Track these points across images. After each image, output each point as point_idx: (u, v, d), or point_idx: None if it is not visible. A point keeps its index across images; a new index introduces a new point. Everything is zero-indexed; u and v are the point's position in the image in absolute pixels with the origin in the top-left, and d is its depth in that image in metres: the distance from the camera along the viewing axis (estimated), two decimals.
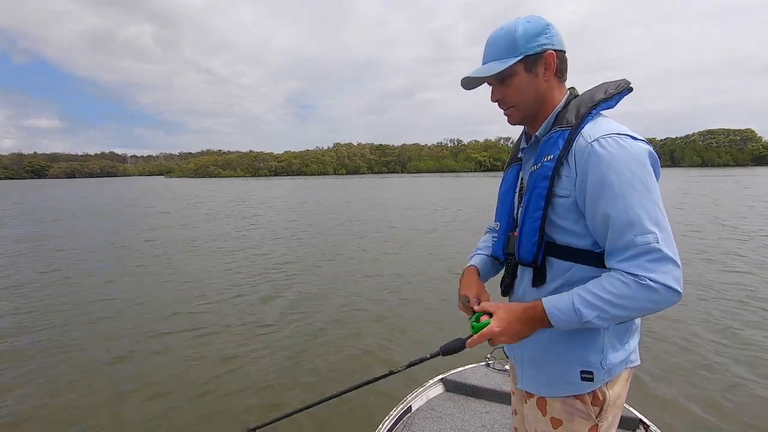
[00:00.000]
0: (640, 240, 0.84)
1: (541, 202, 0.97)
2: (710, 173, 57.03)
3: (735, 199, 18.39)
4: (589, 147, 0.90)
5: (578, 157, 0.92)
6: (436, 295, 5.67)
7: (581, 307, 0.88)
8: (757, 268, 6.63)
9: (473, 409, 2.26)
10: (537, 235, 0.98)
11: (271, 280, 6.66)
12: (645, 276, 0.83)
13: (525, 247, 1.02)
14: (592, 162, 0.89)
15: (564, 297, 0.92)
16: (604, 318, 0.87)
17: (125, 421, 2.96)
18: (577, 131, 0.94)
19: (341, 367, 3.72)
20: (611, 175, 0.86)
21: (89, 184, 77.06)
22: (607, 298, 0.86)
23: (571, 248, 0.97)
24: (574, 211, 0.95)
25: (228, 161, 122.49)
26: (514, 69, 0.99)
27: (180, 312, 5.16)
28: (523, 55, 0.97)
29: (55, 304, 5.56)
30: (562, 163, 0.95)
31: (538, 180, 0.99)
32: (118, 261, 8.29)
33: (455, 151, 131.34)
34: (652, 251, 0.84)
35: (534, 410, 1.09)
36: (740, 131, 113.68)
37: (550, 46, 0.98)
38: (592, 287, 0.89)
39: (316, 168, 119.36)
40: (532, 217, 0.99)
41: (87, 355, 4.00)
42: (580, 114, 0.96)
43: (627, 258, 0.86)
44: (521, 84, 1.00)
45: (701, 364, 3.58)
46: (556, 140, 0.97)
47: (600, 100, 0.97)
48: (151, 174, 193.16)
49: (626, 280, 0.85)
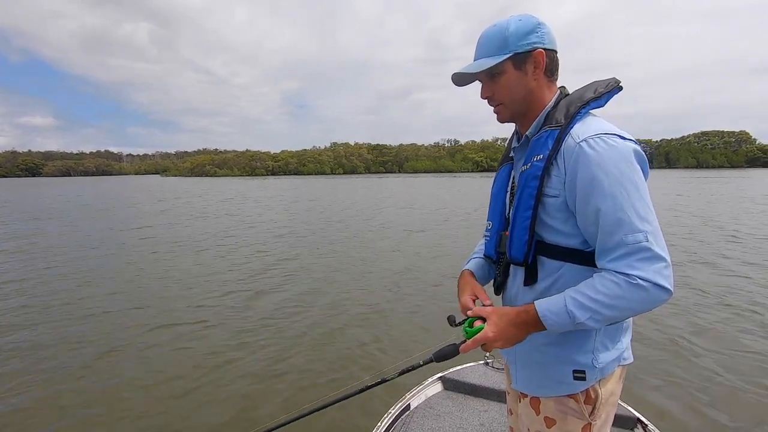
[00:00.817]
0: (630, 239, 0.84)
1: (531, 202, 0.97)
2: (704, 175, 57.40)
3: (728, 201, 18.55)
4: (578, 147, 0.90)
5: (567, 157, 0.92)
6: (426, 296, 5.67)
7: (574, 309, 0.88)
8: (753, 270, 6.70)
9: (472, 407, 2.27)
10: (527, 234, 0.98)
11: (256, 281, 6.63)
12: (635, 275, 0.83)
13: (516, 246, 1.02)
14: (582, 162, 0.89)
15: (556, 300, 0.91)
16: (597, 319, 0.87)
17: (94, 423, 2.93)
18: (567, 131, 0.95)
19: (329, 371, 3.65)
20: (600, 175, 0.87)
21: (84, 182, 76.47)
22: (599, 299, 0.86)
23: (561, 247, 0.97)
24: (564, 211, 0.95)
25: (224, 160, 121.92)
26: (504, 66, 0.99)
27: (168, 311, 5.15)
28: (512, 52, 0.97)
29: (31, 305, 5.47)
30: (551, 163, 0.95)
31: (528, 179, 0.99)
32: (101, 260, 8.25)
33: (452, 152, 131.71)
34: (642, 250, 0.84)
35: (528, 409, 1.09)
36: (734, 133, 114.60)
37: (540, 44, 0.98)
38: (583, 288, 0.89)
39: (314, 167, 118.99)
40: (522, 217, 0.99)
41: (58, 362, 3.84)
42: (570, 113, 0.96)
43: (617, 257, 0.86)
44: (510, 81, 1.01)
45: (699, 364, 3.60)
46: (545, 140, 0.97)
47: (590, 99, 0.97)
48: (147, 173, 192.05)
49: (617, 279, 0.85)
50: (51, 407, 3.14)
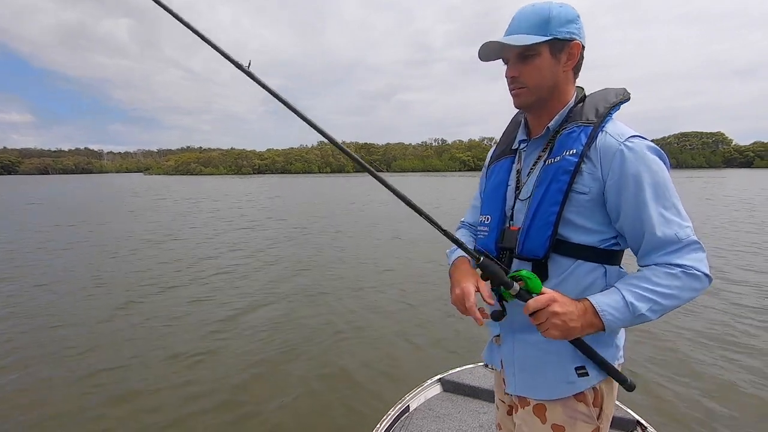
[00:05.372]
0: (683, 234, 0.90)
1: (560, 197, 0.95)
2: (685, 174, 58.48)
3: (706, 199, 18.96)
4: (623, 146, 0.92)
5: (606, 155, 0.93)
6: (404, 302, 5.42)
7: (634, 300, 0.88)
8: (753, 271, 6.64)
9: (471, 409, 2.26)
10: (551, 229, 0.95)
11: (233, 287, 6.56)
12: (691, 266, 0.89)
13: (535, 241, 0.98)
14: (629, 161, 0.91)
15: (609, 295, 0.91)
16: (655, 310, 0.89)
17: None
18: (600, 129, 0.95)
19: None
20: (646, 176, 0.90)
21: (66, 181, 73.58)
22: (659, 290, 0.88)
23: (575, 244, 0.96)
24: (589, 208, 0.95)
25: (210, 159, 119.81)
26: (540, 48, 0.96)
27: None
28: (552, 36, 0.95)
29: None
30: (583, 160, 0.94)
31: (558, 173, 0.96)
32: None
33: (440, 151, 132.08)
34: (692, 243, 0.90)
35: (531, 418, 1.03)
36: (712, 134, 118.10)
37: (578, 37, 0.97)
38: (636, 281, 0.91)
39: (301, 166, 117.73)
40: (547, 212, 0.96)
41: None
42: (600, 113, 0.97)
43: (673, 251, 0.90)
44: (542, 66, 0.97)
45: (698, 364, 3.59)
46: (578, 135, 0.96)
47: (616, 103, 0.99)
48: (129, 171, 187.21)
49: (674, 271, 0.89)
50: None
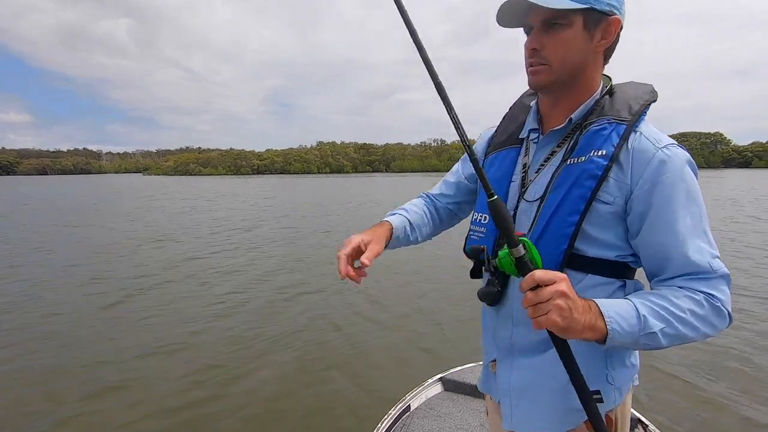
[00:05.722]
0: (716, 265, 0.76)
1: (581, 206, 0.79)
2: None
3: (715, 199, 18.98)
4: (661, 154, 0.77)
5: (638, 161, 0.78)
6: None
7: (647, 314, 0.73)
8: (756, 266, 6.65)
9: (472, 408, 2.25)
10: (566, 243, 0.80)
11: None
12: (718, 297, 0.75)
13: (545, 255, 0.79)
14: (668, 172, 0.76)
15: (619, 303, 0.75)
16: (667, 333, 0.73)
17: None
18: (633, 129, 0.80)
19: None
20: (683, 193, 0.76)
21: (64, 182, 73.81)
22: (677, 312, 0.73)
23: (588, 258, 0.82)
24: (611, 221, 0.80)
25: (209, 159, 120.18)
26: (573, 18, 0.78)
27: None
28: (590, 5, 0.77)
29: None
30: (613, 164, 0.79)
31: (582, 177, 0.80)
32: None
33: (439, 151, 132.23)
34: (724, 276, 0.76)
35: None
36: (711, 134, 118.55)
37: (618, 12, 0.79)
38: (654, 298, 0.76)
39: (300, 167, 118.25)
40: (564, 222, 0.81)
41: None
42: (635, 111, 0.82)
43: (701, 279, 0.76)
44: (571, 39, 0.79)
45: (697, 364, 3.59)
46: (609, 134, 0.80)
47: (649, 101, 0.84)
48: (128, 171, 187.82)
49: (698, 298, 0.74)
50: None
